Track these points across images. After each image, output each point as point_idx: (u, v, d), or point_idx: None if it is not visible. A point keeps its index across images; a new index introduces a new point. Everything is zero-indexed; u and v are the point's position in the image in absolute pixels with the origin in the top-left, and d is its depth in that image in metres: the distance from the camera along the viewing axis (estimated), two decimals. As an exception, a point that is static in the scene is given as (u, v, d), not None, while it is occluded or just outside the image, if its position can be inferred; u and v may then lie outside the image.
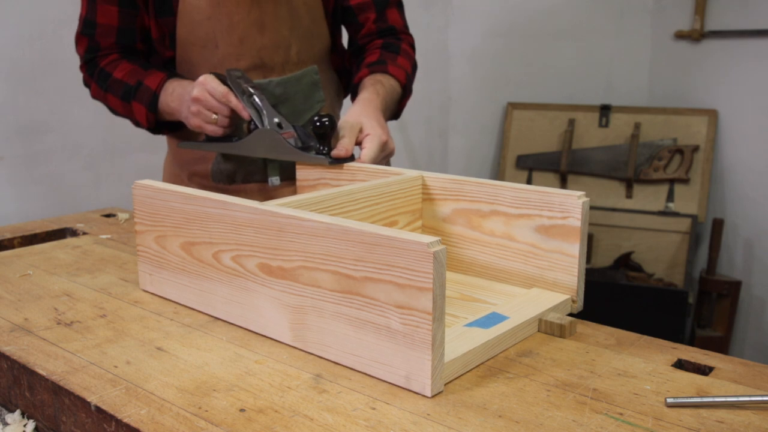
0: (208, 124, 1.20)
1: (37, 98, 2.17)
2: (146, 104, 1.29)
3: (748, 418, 0.62)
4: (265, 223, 0.76)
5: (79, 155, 2.31)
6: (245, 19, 1.28)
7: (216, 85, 1.17)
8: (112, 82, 1.32)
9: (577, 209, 0.83)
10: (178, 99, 1.24)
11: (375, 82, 1.27)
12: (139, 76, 1.31)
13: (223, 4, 1.27)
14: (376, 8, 1.37)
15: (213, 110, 1.18)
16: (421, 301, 0.63)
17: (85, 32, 1.34)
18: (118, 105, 1.34)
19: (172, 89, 1.26)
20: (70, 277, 1.01)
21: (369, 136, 1.12)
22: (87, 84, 1.40)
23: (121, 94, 1.32)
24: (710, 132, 2.62)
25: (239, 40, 1.29)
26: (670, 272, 2.65)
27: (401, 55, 1.36)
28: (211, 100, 1.17)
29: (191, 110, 1.20)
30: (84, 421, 0.67)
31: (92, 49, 1.35)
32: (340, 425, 0.61)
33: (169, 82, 1.28)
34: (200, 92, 1.17)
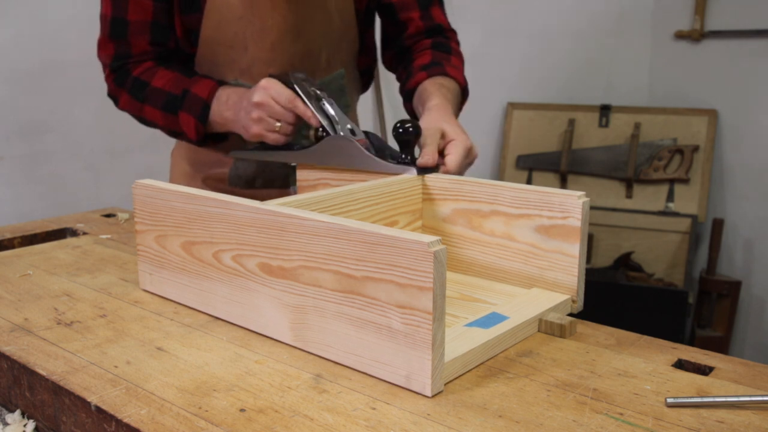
0: (270, 132, 1.11)
1: (37, 98, 2.17)
2: (196, 115, 1.18)
3: (748, 418, 0.62)
4: (266, 222, 0.76)
5: (79, 155, 2.31)
6: (280, 24, 1.21)
7: (281, 89, 1.08)
8: (150, 91, 1.22)
9: (577, 209, 0.83)
10: (233, 107, 1.15)
11: (439, 86, 1.18)
12: (184, 84, 1.20)
13: (256, 6, 1.19)
14: (420, 6, 1.29)
15: (277, 117, 1.09)
16: (421, 300, 0.63)
17: (115, 34, 1.23)
18: (157, 116, 1.23)
19: (226, 97, 1.17)
20: (70, 277, 1.01)
21: (453, 142, 1.03)
22: (114, 95, 1.28)
23: (162, 105, 1.21)
24: (710, 132, 2.62)
25: (271, 45, 1.22)
26: (670, 272, 2.65)
27: (453, 54, 1.29)
28: (275, 106, 1.09)
29: (252, 117, 1.10)
30: (84, 421, 0.67)
31: (122, 56, 1.23)
32: (341, 425, 0.61)
33: (221, 89, 1.19)
34: (263, 97, 1.09)
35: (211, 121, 1.19)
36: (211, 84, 1.19)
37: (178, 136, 1.26)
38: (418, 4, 1.29)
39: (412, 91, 1.24)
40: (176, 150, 1.46)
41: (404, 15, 1.30)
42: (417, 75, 1.23)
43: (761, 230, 2.63)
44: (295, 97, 1.08)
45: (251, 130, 1.11)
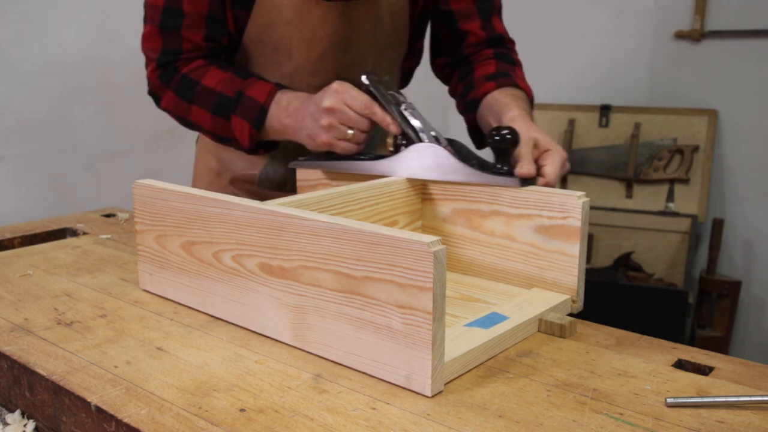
0: (341, 141, 1.01)
1: (37, 98, 2.17)
2: (252, 120, 1.08)
3: (748, 418, 0.62)
4: (266, 222, 0.76)
5: (79, 155, 2.31)
6: (331, 35, 1.14)
7: (356, 93, 0.99)
8: (200, 91, 1.11)
9: (577, 209, 0.83)
10: (296, 113, 1.05)
11: (513, 97, 1.10)
12: (238, 85, 1.10)
13: (307, 14, 1.12)
14: (481, 15, 1.23)
15: (350, 124, 0.99)
16: (421, 300, 0.63)
17: (166, 26, 1.11)
18: (206, 119, 1.13)
19: (287, 102, 1.07)
20: (70, 277, 1.01)
21: (550, 152, 0.95)
22: (156, 92, 1.17)
23: (213, 107, 1.11)
24: (710, 132, 2.62)
25: (318, 56, 1.15)
26: (670, 272, 2.65)
27: (518, 66, 1.23)
28: (348, 112, 0.99)
29: (322, 124, 1.00)
30: (84, 421, 0.67)
31: (172, 51, 1.13)
32: (340, 425, 0.61)
33: (281, 93, 1.08)
34: (336, 102, 0.99)
35: (267, 128, 1.09)
36: (269, 87, 1.09)
37: (227, 142, 1.15)
38: (479, 13, 1.23)
39: (477, 101, 1.16)
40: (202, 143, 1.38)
41: (465, 24, 1.23)
42: (484, 85, 1.16)
43: (761, 230, 2.63)
44: (372, 101, 0.99)
45: (319, 138, 1.01)
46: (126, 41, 2.37)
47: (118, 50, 2.36)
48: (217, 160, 1.33)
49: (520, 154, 0.92)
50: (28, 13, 2.14)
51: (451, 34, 1.25)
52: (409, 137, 0.98)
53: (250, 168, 1.29)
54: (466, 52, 1.25)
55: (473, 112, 1.19)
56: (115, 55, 2.35)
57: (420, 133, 0.98)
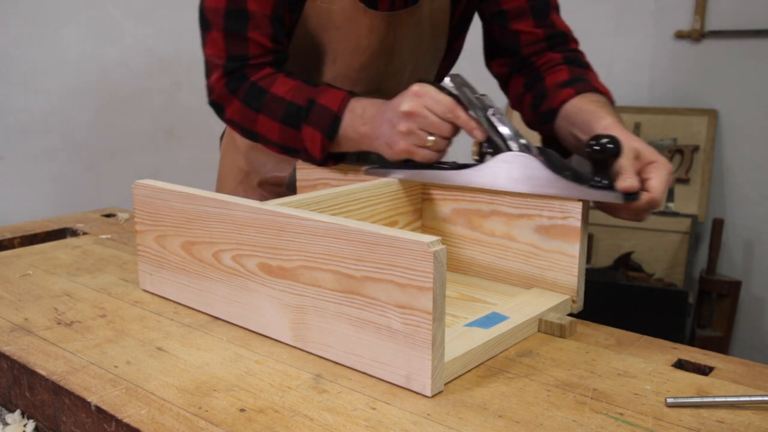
0: (420, 149, 0.94)
1: (37, 98, 2.17)
2: (324, 129, 1.01)
3: (748, 418, 0.62)
4: (266, 222, 0.76)
5: (79, 155, 2.31)
6: (375, 45, 1.11)
7: (438, 96, 0.91)
8: (269, 100, 1.04)
9: (577, 209, 0.83)
10: (372, 121, 0.98)
11: (599, 103, 1.00)
12: (309, 93, 1.03)
13: (355, 23, 1.09)
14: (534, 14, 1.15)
15: (431, 130, 0.92)
16: (421, 300, 0.63)
17: (232, 28, 1.05)
18: (273, 130, 1.05)
19: (362, 109, 0.99)
20: (70, 277, 1.01)
21: (654, 164, 0.85)
22: (220, 102, 1.10)
23: (282, 116, 1.04)
24: (710, 132, 2.62)
25: (361, 66, 1.13)
26: (670, 272, 2.65)
27: (590, 69, 1.13)
28: (431, 117, 0.91)
29: (400, 130, 0.93)
30: (84, 421, 0.67)
31: (238, 57, 1.06)
32: (340, 425, 0.61)
33: (355, 100, 1.01)
34: (416, 106, 0.91)
35: (342, 137, 1.01)
36: (342, 94, 1.02)
37: (294, 153, 1.08)
38: (532, 12, 1.15)
39: (554, 110, 1.06)
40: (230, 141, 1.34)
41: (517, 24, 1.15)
42: (560, 93, 1.06)
43: (761, 230, 2.63)
44: (456, 104, 0.91)
45: (397, 146, 0.94)
46: (126, 41, 2.37)
47: (118, 50, 2.36)
48: (247, 161, 1.29)
49: (622, 165, 0.82)
50: (28, 13, 2.15)
51: (504, 35, 1.18)
52: (496, 145, 0.90)
53: (279, 170, 1.26)
54: (525, 52, 1.16)
55: (550, 122, 1.08)
56: (115, 55, 2.35)
57: (508, 141, 0.89)
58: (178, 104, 2.51)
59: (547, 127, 1.09)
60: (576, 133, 0.99)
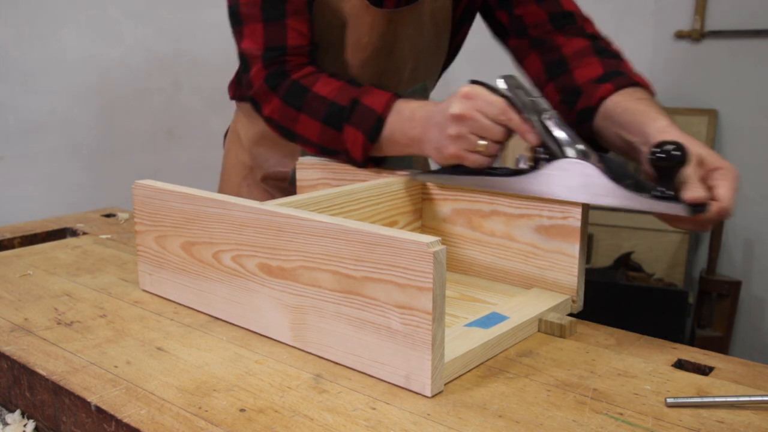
0: (471, 153, 0.89)
1: (37, 98, 2.17)
2: (366, 131, 0.98)
3: (748, 418, 0.62)
4: (265, 223, 0.76)
5: (79, 155, 2.31)
6: (375, 42, 1.12)
7: (490, 98, 0.87)
8: (311, 98, 1.02)
9: (577, 209, 0.83)
10: (422, 124, 0.94)
11: (648, 102, 0.93)
12: (352, 93, 1.00)
13: (358, 19, 1.10)
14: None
15: (483, 134, 0.88)
16: (421, 301, 0.63)
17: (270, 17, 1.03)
18: (314, 130, 1.03)
19: (410, 112, 0.96)
20: (70, 277, 1.01)
21: (721, 171, 0.79)
22: (260, 98, 1.07)
23: (324, 116, 1.01)
24: (710, 132, 2.62)
25: (362, 62, 1.14)
26: (670, 272, 2.65)
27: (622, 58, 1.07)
28: (481, 120, 0.87)
29: (449, 134, 0.89)
30: (84, 421, 0.67)
31: (276, 47, 1.04)
32: (340, 425, 0.61)
33: (401, 102, 0.98)
34: (467, 108, 0.87)
35: (386, 140, 0.98)
36: (387, 96, 0.98)
37: (334, 155, 1.05)
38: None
39: (592, 109, 0.99)
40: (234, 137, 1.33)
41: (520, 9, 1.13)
42: (598, 89, 0.99)
43: (761, 230, 2.63)
44: (509, 107, 0.87)
45: (446, 150, 0.90)
46: (126, 41, 2.37)
47: (118, 50, 2.36)
48: (251, 156, 1.28)
49: (686, 174, 0.77)
50: (28, 13, 2.15)
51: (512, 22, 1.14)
52: (551, 150, 0.85)
53: (282, 165, 1.26)
54: (533, 34, 1.12)
55: (588, 122, 1.01)
56: (115, 55, 2.35)
57: (564, 147, 0.84)
58: (178, 104, 2.51)
59: (586, 126, 1.02)
60: (625, 135, 0.92)
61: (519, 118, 0.86)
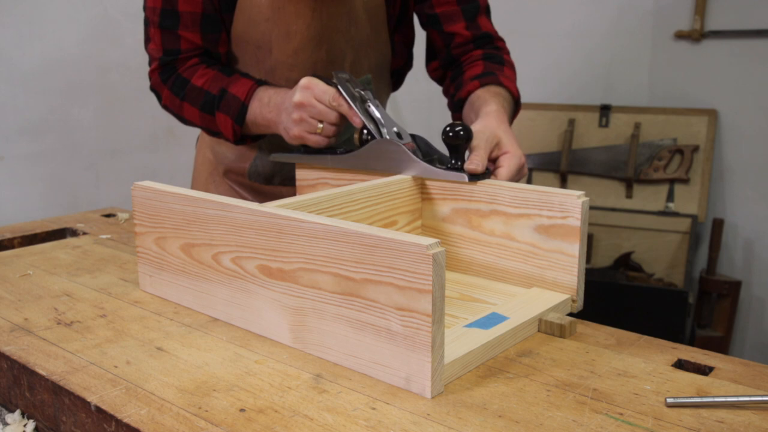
0: (311, 135, 1.06)
1: (37, 98, 2.17)
2: (233, 116, 1.16)
3: (748, 418, 0.62)
4: (265, 224, 0.76)
5: (79, 155, 2.31)
6: (303, 31, 1.20)
7: (324, 87, 1.04)
8: (190, 89, 1.19)
9: (576, 209, 0.83)
10: (276, 109, 1.11)
11: (494, 94, 1.13)
12: (221, 83, 1.17)
13: (282, 11, 1.18)
14: (465, 16, 1.26)
15: (319, 117, 1.04)
16: (420, 303, 0.63)
17: (165, 26, 1.18)
18: (195, 116, 1.21)
19: (268, 99, 1.13)
20: (70, 277, 1.01)
21: (508, 154, 0.98)
22: (157, 90, 1.25)
23: (200, 104, 1.19)
24: (710, 132, 2.62)
25: (294, 51, 1.21)
26: (670, 272, 2.65)
27: (506, 66, 1.25)
28: (318, 106, 1.04)
29: (293, 118, 1.06)
30: (84, 421, 0.67)
31: (172, 51, 1.20)
32: (340, 425, 0.61)
33: (262, 90, 1.15)
34: (305, 97, 1.04)
35: (250, 123, 1.16)
36: (249, 84, 1.15)
37: (217, 135, 1.23)
38: (463, 14, 1.26)
39: (462, 101, 1.20)
40: (201, 137, 1.46)
41: (450, 26, 1.26)
42: (468, 85, 1.19)
43: (761, 230, 2.63)
44: (339, 96, 1.03)
45: (291, 131, 1.07)
46: (126, 41, 2.37)
47: (118, 50, 2.36)
48: (213, 153, 1.40)
49: (475, 148, 0.95)
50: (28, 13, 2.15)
51: (440, 37, 1.28)
52: (371, 132, 1.02)
53: (241, 161, 1.35)
54: (454, 52, 1.28)
55: (459, 111, 1.23)
56: (115, 55, 2.35)
57: (381, 128, 1.02)
58: (178, 104, 2.51)
59: (458, 115, 1.24)
60: (473, 118, 1.11)
61: (347, 104, 1.02)
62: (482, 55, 1.25)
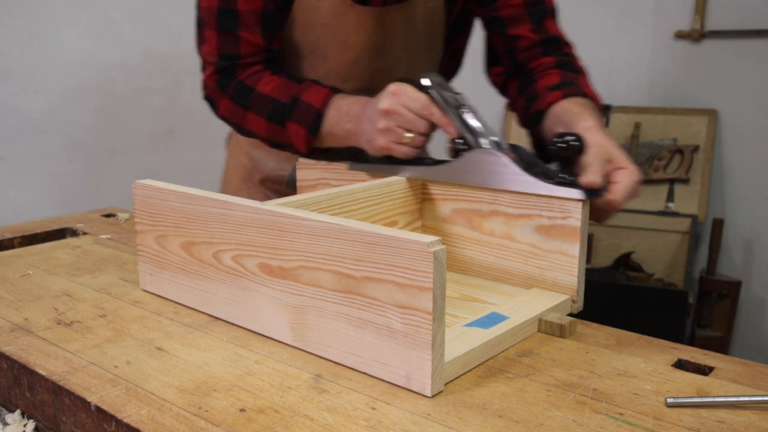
0: (398, 146, 0.97)
1: (37, 98, 2.17)
2: (307, 126, 1.06)
3: (748, 418, 0.62)
4: (266, 222, 0.76)
5: (79, 155, 2.31)
6: (364, 42, 1.13)
7: (414, 94, 0.95)
8: (255, 97, 1.09)
9: (577, 209, 0.83)
10: (356, 118, 1.02)
11: (583, 107, 1.02)
12: (292, 90, 1.07)
13: (343, 19, 1.11)
14: (532, 19, 1.16)
15: (408, 126, 0.95)
16: (421, 300, 0.63)
17: (223, 27, 1.08)
18: (260, 126, 1.11)
19: (347, 107, 1.04)
20: (70, 277, 1.01)
21: (625, 170, 0.88)
22: (213, 98, 1.15)
23: (268, 114, 1.09)
24: (710, 132, 2.62)
25: (351, 61, 1.14)
26: (670, 272, 2.65)
27: (581, 74, 1.15)
28: (407, 114, 0.95)
29: (379, 127, 0.96)
30: (84, 421, 0.67)
31: (230, 55, 1.10)
32: (340, 425, 0.61)
33: (339, 98, 1.05)
34: (393, 104, 0.95)
35: (326, 133, 1.06)
36: (325, 92, 1.06)
37: (283, 147, 1.13)
38: (529, 17, 1.16)
39: (541, 112, 1.09)
40: (235, 141, 1.37)
41: (514, 29, 1.17)
42: (548, 95, 1.08)
43: (761, 230, 2.63)
44: (431, 103, 0.94)
45: (376, 142, 0.98)
46: (126, 41, 2.37)
47: (118, 50, 2.36)
48: (249, 159, 1.32)
49: (589, 163, 0.85)
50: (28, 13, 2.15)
51: (502, 41, 1.20)
52: (468, 142, 0.93)
53: (281, 169, 1.29)
54: (520, 57, 1.18)
55: (537, 124, 1.11)
56: (115, 55, 2.35)
57: (479, 138, 0.92)
58: (178, 104, 2.51)
59: (536, 128, 1.12)
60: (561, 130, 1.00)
61: (440, 112, 0.94)
62: (555, 62, 1.16)
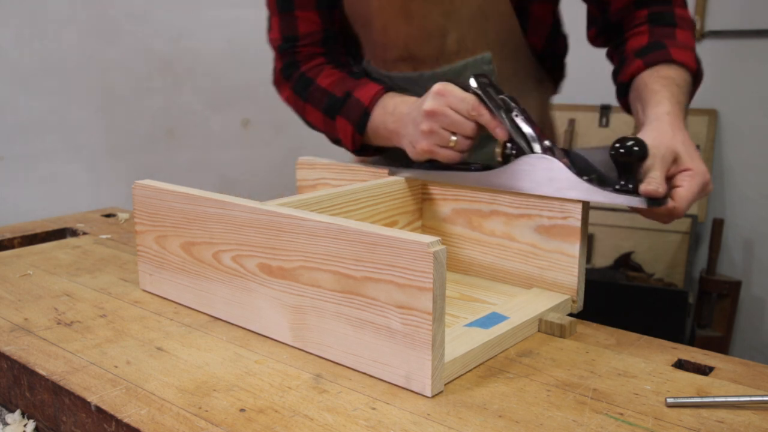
0: (442, 149, 0.91)
1: (37, 98, 2.17)
2: (354, 122, 1.03)
3: (748, 418, 0.62)
4: (265, 223, 0.76)
5: (79, 155, 2.31)
6: (388, 5, 1.06)
7: (461, 94, 0.88)
8: (314, 90, 1.09)
9: (577, 209, 0.83)
10: (400, 119, 0.97)
11: (664, 82, 0.90)
12: (347, 85, 1.05)
13: None
14: None
15: (453, 129, 0.89)
16: (421, 300, 0.63)
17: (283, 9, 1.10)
18: (318, 119, 1.10)
19: (393, 106, 0.99)
20: (70, 277, 1.01)
21: (690, 172, 0.80)
22: (278, 87, 1.18)
23: (324, 107, 1.07)
24: (710, 132, 2.62)
25: (383, 27, 1.08)
26: (670, 272, 2.65)
27: (679, 27, 0.98)
28: (453, 116, 0.88)
29: (422, 129, 0.90)
30: (84, 421, 0.67)
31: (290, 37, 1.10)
32: (340, 425, 0.61)
33: (389, 96, 1.01)
34: (438, 105, 0.89)
35: (372, 132, 1.02)
36: (376, 88, 1.02)
37: (338, 143, 1.11)
38: None
39: (625, 85, 0.99)
40: None
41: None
42: (632, 64, 0.96)
43: (761, 230, 2.63)
44: (480, 103, 0.87)
45: (419, 144, 0.92)
46: (126, 41, 2.37)
47: (118, 50, 2.36)
48: None
49: (651, 167, 0.78)
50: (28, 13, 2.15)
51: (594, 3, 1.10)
52: (519, 146, 0.87)
53: None
54: (612, 18, 1.07)
55: (624, 96, 1.01)
56: (115, 55, 2.35)
57: (532, 143, 0.87)
58: (178, 104, 2.51)
59: (624, 100, 1.01)
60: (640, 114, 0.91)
61: (489, 114, 0.88)
62: (647, 16, 1.01)
